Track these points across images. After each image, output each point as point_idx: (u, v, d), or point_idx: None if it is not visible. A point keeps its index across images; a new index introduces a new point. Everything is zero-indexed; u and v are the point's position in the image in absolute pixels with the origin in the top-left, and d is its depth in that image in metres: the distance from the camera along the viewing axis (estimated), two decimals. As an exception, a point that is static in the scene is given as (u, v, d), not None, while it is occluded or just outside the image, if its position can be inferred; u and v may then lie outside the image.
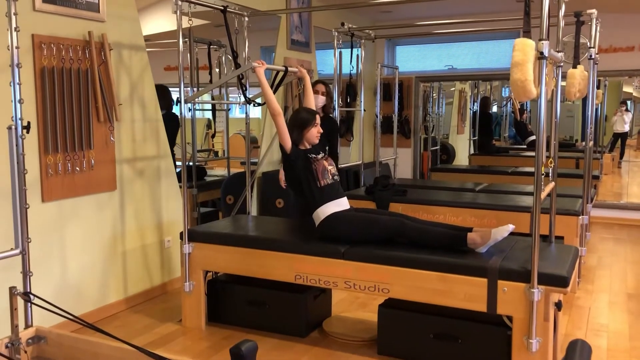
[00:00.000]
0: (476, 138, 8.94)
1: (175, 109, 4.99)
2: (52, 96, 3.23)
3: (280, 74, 3.61)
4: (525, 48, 2.36)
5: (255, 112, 5.92)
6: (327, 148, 3.38)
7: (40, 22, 3.17)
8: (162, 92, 4.24)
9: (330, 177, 3.17)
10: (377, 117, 6.01)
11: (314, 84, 4.33)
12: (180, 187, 3.80)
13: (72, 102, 3.34)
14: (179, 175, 4.01)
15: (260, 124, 5.74)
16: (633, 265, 4.87)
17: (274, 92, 3.42)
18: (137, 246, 3.92)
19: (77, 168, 3.41)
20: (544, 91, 2.48)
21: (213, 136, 6.57)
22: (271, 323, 3.37)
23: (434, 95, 8.24)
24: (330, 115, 4.41)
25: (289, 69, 3.60)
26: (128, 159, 3.80)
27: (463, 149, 8.89)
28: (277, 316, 3.36)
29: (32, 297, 2.36)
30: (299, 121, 3.23)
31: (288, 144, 3.14)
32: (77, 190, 3.43)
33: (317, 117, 3.26)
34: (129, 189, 3.82)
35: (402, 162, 7.39)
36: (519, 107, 8.53)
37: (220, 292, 3.51)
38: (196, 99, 4.15)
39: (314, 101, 4.25)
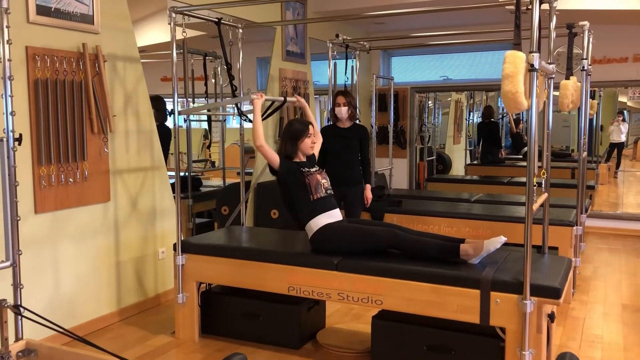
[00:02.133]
0: (472, 148, 8.95)
1: (168, 121, 5.01)
2: (45, 108, 3.24)
3: (277, 103, 3.60)
4: (515, 60, 2.37)
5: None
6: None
7: (34, 34, 3.19)
8: (157, 104, 4.24)
9: (324, 190, 3.16)
10: (372, 127, 6.03)
11: (335, 96, 4.36)
12: (175, 197, 3.80)
13: (66, 113, 3.35)
14: (173, 186, 4.00)
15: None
16: (628, 275, 4.86)
17: (266, 118, 3.44)
18: (130, 257, 3.91)
19: (71, 179, 3.41)
20: (535, 103, 2.49)
21: (209, 146, 6.59)
22: (265, 335, 3.36)
23: (430, 105, 8.26)
24: (359, 123, 4.43)
25: (288, 99, 3.58)
26: (122, 170, 3.80)
27: (459, 159, 8.91)
28: (270, 328, 3.34)
29: (22, 309, 2.35)
30: (292, 133, 3.23)
31: (276, 163, 3.13)
32: (71, 202, 3.43)
33: (310, 127, 3.27)
34: (122, 200, 3.82)
35: (398, 173, 7.40)
36: (515, 117, 8.55)
37: (214, 303, 3.50)
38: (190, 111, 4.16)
39: (338, 114, 4.27)
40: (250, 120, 3.66)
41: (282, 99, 3.55)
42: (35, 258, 3.27)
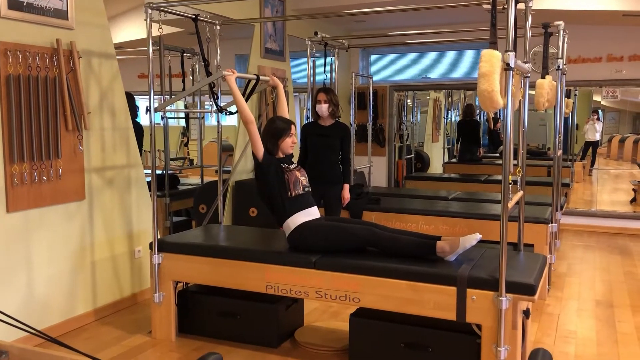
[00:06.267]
0: (450, 146, 9.01)
1: (140, 118, 4.94)
2: (17, 104, 3.17)
3: (252, 82, 3.59)
4: (491, 59, 2.39)
5: (230, 119, 5.89)
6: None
7: (5, 29, 3.12)
8: (127, 101, 4.18)
9: (302, 188, 3.16)
10: (351, 125, 6.03)
11: (316, 93, 4.33)
12: (151, 195, 3.76)
13: (39, 110, 3.29)
14: (150, 184, 3.96)
15: (235, 131, 5.71)
16: (602, 272, 4.95)
17: (246, 100, 3.40)
18: (106, 256, 3.86)
19: (44, 177, 3.35)
20: (511, 101, 2.51)
21: (186, 144, 6.52)
22: (243, 334, 3.34)
23: (409, 103, 8.30)
24: (340, 121, 4.40)
25: (261, 77, 3.58)
26: (97, 168, 3.74)
27: (438, 157, 8.96)
28: (248, 327, 3.33)
29: (-7, 310, 2.30)
30: (274, 131, 3.21)
31: (260, 152, 3.12)
32: (44, 200, 3.37)
33: (293, 126, 3.25)
34: (98, 198, 3.76)
35: (377, 171, 7.42)
36: (493, 116, 8.63)
37: (191, 303, 3.47)
38: (167, 107, 4.11)
39: (319, 111, 4.25)
40: (231, 113, 3.64)
41: (255, 76, 3.54)
42: (8, 258, 3.20)
